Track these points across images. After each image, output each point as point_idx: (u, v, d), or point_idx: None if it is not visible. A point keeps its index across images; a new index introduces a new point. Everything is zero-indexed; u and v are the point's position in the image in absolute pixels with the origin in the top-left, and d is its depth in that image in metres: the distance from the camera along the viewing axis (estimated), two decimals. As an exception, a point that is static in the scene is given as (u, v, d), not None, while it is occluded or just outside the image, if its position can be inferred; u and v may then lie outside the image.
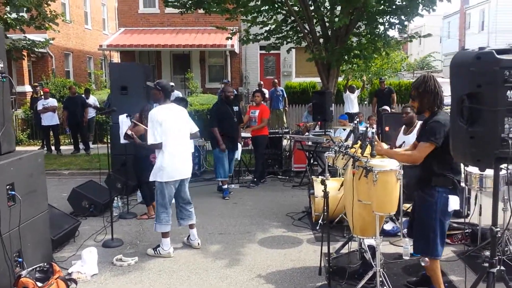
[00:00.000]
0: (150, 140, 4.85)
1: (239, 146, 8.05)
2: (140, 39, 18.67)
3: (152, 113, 4.89)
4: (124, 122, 6.22)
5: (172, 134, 4.89)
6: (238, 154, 8.12)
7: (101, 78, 22.44)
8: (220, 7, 9.33)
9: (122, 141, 6.26)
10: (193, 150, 5.48)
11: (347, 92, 13.41)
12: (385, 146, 4.06)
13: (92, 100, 12.93)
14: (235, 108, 7.94)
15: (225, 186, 7.72)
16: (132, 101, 7.61)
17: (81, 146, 12.27)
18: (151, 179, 5.01)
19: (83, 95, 12.80)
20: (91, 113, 12.70)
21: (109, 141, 6.30)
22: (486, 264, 2.85)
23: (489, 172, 4.60)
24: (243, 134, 8.50)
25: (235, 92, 8.40)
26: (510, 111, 2.57)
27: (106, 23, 25.93)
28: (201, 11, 10.23)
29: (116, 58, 22.22)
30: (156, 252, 5.01)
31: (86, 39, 22.82)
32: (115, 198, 6.58)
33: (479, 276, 2.91)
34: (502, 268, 2.82)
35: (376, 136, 3.84)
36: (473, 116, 2.65)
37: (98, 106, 12.98)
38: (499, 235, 2.81)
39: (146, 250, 5.13)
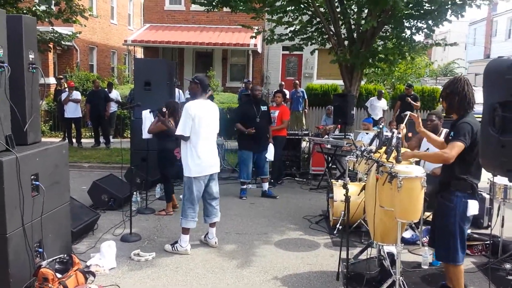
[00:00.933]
0: (179, 131, 4.88)
1: (271, 146, 7.80)
2: (165, 35, 18.81)
3: (187, 105, 4.91)
4: (148, 118, 6.28)
5: (204, 129, 4.91)
6: (270, 155, 7.87)
7: (124, 73, 22.69)
8: (246, 5, 9.32)
9: (145, 136, 6.32)
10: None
11: (374, 97, 13.14)
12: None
13: (115, 94, 13.07)
14: (263, 108, 7.73)
15: (244, 187, 7.68)
16: (155, 97, 7.66)
17: (101, 140, 12.42)
18: (184, 174, 4.99)
19: (106, 89, 12.95)
20: (113, 107, 12.83)
21: (130, 136, 6.35)
22: (511, 277, 2.78)
23: (515, 184, 4.51)
24: None
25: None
26: (544, 121, 2.50)
27: (131, 19, 26.21)
28: (226, 9, 10.25)
29: (139, 53, 22.44)
30: (173, 248, 5.02)
31: (111, 33, 23.10)
32: (134, 193, 6.63)
33: (504, 290, 2.83)
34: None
35: (401, 142, 3.78)
36: (505, 125, 2.59)
37: (120, 100, 13.11)
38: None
39: (163, 246, 5.15)
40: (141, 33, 19.37)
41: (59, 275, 3.75)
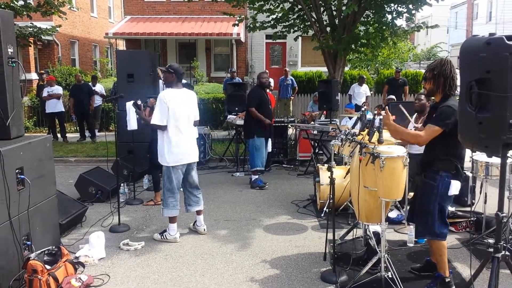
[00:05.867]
0: (155, 121, 4.85)
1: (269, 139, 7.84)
2: (146, 27, 18.64)
3: (161, 94, 4.90)
4: (131, 109, 6.24)
5: (180, 118, 4.91)
6: (269, 147, 7.93)
7: (106, 66, 22.47)
8: (227, -6, 9.30)
9: (129, 127, 6.29)
10: (197, 136, 5.49)
11: (356, 84, 13.22)
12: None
13: (99, 87, 12.94)
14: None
15: (256, 176, 7.52)
16: (139, 88, 7.62)
17: (87, 133, 12.34)
18: (159, 162, 5.02)
19: (89, 83, 12.83)
20: (98, 101, 12.73)
21: (116, 128, 6.33)
22: (491, 250, 2.87)
23: (495, 160, 4.61)
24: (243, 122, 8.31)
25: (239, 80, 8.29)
26: (519, 97, 2.56)
27: (112, 11, 25.88)
28: (208, -2, 10.20)
29: (121, 46, 22.22)
30: (162, 237, 5.06)
31: (92, 27, 22.81)
32: (122, 184, 6.63)
33: (484, 261, 2.93)
34: (507, 253, 2.83)
35: (383, 123, 3.82)
36: (482, 102, 2.65)
37: (104, 94, 13.01)
38: (505, 221, 2.81)
39: (152, 235, 5.18)
40: (122, 26, 19.18)
41: (48, 267, 3.76)
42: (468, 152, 3.64)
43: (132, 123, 6.27)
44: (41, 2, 12.25)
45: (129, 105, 6.25)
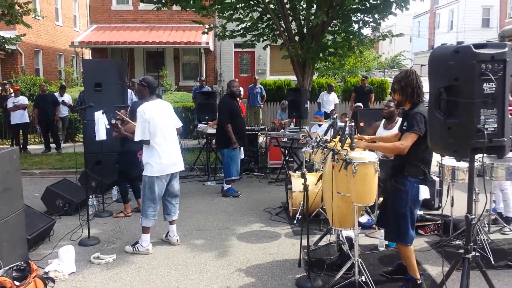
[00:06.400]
0: (138, 137, 4.86)
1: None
2: (113, 36, 18.36)
3: (140, 110, 4.88)
4: (100, 119, 6.12)
5: (161, 130, 4.91)
6: (242, 153, 7.91)
7: (72, 76, 21.98)
8: (196, 4, 9.29)
9: (98, 138, 6.17)
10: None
11: (324, 92, 13.45)
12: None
13: (67, 98, 12.64)
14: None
15: (229, 186, 7.50)
16: (106, 98, 7.51)
17: (52, 145, 12.01)
18: (143, 173, 4.96)
19: (55, 93, 12.52)
20: (65, 111, 12.43)
21: (82, 139, 6.19)
22: (461, 251, 2.95)
23: (461, 164, 4.78)
24: (214, 131, 8.23)
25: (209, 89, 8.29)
26: (486, 103, 2.67)
27: (77, 20, 25.39)
28: (176, 7, 10.15)
29: (87, 55, 21.80)
30: (134, 249, 4.96)
31: (56, 36, 22.29)
32: (90, 196, 6.48)
33: (455, 263, 3.01)
34: (477, 253, 2.92)
35: (354, 130, 3.92)
36: (450, 108, 2.74)
37: (72, 104, 12.71)
38: (474, 223, 2.90)
39: (124, 247, 5.08)
40: (88, 34, 18.83)
41: (17, 283, 3.63)
42: (435, 157, 3.76)
43: (101, 133, 6.14)
44: (5, 11, 11.91)
45: (98, 115, 6.14)
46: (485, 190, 3.35)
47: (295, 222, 5.87)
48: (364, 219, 5.71)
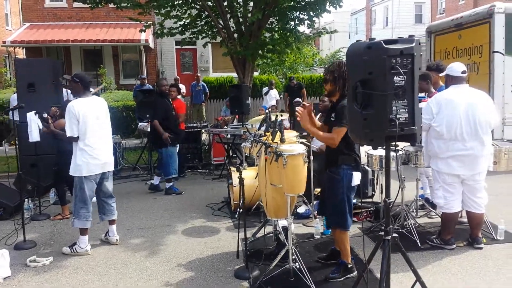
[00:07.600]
0: (68, 133, 4.76)
1: None
2: (47, 34, 17.66)
3: (70, 105, 4.77)
4: (33, 120, 5.95)
5: (92, 127, 4.81)
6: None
7: (5, 77, 20.89)
8: (131, 1, 9.17)
9: (31, 139, 5.99)
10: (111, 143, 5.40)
11: (267, 87, 13.87)
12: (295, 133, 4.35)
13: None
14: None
15: (171, 184, 7.54)
16: (41, 98, 7.27)
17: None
18: (70, 173, 4.86)
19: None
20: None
21: (16, 140, 5.99)
22: (382, 233, 3.19)
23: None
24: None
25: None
26: (397, 94, 2.89)
27: (9, 18, 24.10)
28: (112, 5, 9.96)
29: (21, 55, 20.80)
30: (72, 250, 4.89)
31: (-14, 35, 21.10)
32: (26, 200, 6.29)
33: (377, 244, 3.24)
34: (395, 235, 3.17)
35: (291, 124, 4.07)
36: (366, 100, 2.94)
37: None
38: (391, 206, 3.14)
39: (61, 249, 4.99)
40: (21, 33, 17.98)
41: None
42: (364, 148, 4.00)
43: (34, 135, 5.97)
44: None
45: (30, 115, 5.96)
46: (399, 179, 3.61)
47: (236, 216, 5.98)
48: (302, 209, 5.94)
